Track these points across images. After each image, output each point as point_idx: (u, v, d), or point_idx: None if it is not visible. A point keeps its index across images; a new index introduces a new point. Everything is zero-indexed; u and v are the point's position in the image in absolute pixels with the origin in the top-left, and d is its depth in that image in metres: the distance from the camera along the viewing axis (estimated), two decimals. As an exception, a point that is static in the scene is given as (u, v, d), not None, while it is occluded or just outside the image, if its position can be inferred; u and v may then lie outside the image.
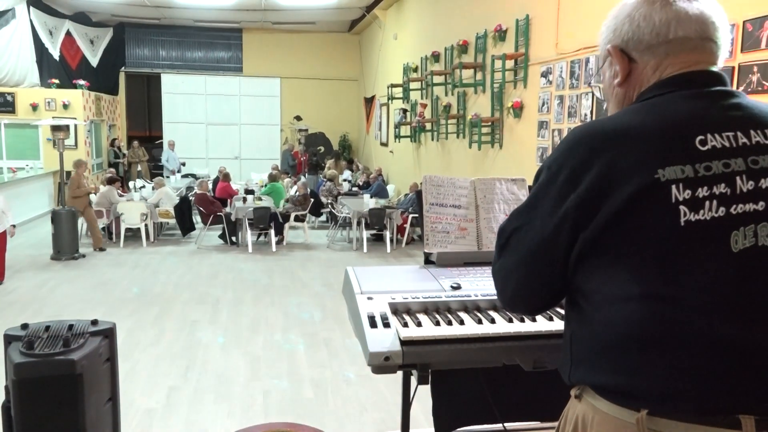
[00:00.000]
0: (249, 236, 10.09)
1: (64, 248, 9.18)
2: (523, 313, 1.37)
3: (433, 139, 10.73)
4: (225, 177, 12.14)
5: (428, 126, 10.87)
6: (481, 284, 1.49)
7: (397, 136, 12.58)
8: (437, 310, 1.42)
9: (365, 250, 10.13)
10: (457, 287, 1.48)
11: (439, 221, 1.61)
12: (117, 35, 17.56)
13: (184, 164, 15.85)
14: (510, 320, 1.39)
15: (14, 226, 7.45)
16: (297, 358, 5.60)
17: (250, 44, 18.35)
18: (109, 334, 2.07)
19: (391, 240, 10.26)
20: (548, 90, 6.71)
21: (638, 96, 1.29)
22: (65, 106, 14.18)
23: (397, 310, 1.38)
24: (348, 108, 18.73)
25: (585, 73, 5.97)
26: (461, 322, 1.36)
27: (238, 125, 18.23)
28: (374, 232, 10.48)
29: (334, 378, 5.16)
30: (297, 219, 10.77)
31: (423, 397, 4.45)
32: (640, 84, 1.29)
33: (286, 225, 10.57)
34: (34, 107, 14.04)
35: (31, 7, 14.20)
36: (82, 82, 14.80)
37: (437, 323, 1.35)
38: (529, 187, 1.85)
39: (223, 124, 18.06)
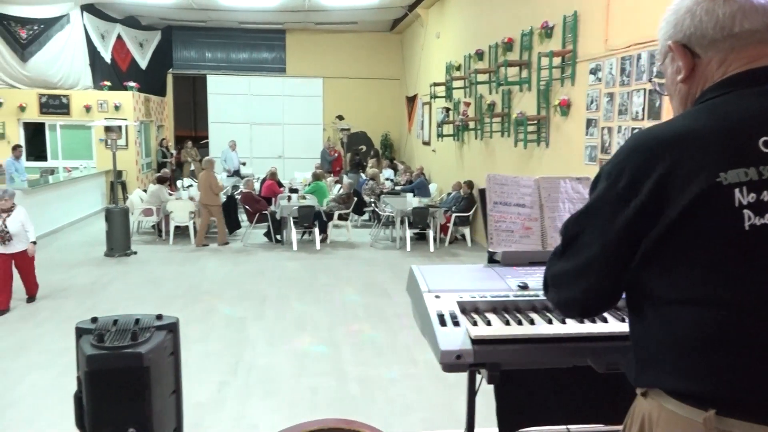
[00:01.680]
0: (293, 234, 10.21)
1: (117, 245, 9.47)
2: (576, 316, 1.36)
3: (476, 138, 10.65)
4: (272, 176, 12.31)
5: (471, 124, 10.80)
6: (548, 284, 1.47)
7: (440, 135, 12.54)
8: (505, 309, 1.41)
9: (408, 249, 10.13)
10: (525, 287, 1.47)
11: (503, 220, 1.60)
12: (165, 38, 18.01)
13: (244, 164, 16.04)
14: (581, 321, 1.37)
15: (34, 243, 6.92)
16: (342, 355, 5.64)
17: (293, 45, 18.57)
18: (173, 329, 2.13)
19: (434, 239, 10.23)
20: (597, 87, 6.58)
21: (701, 94, 1.26)
22: (116, 108, 14.63)
23: (465, 308, 1.37)
24: (389, 107, 18.76)
25: (636, 69, 5.83)
26: (531, 322, 1.35)
27: (281, 125, 18.46)
28: (417, 231, 10.47)
29: (380, 376, 5.18)
30: (340, 217, 10.85)
31: (480, 396, 4.43)
32: (704, 80, 1.25)
33: (330, 223, 10.66)
34: (88, 109, 14.53)
35: (85, 12, 14.70)
36: (132, 84, 15.24)
37: (507, 323, 1.34)
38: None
39: (267, 124, 18.32)
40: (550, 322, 1.37)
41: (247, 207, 10.66)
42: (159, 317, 2.10)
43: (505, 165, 9.21)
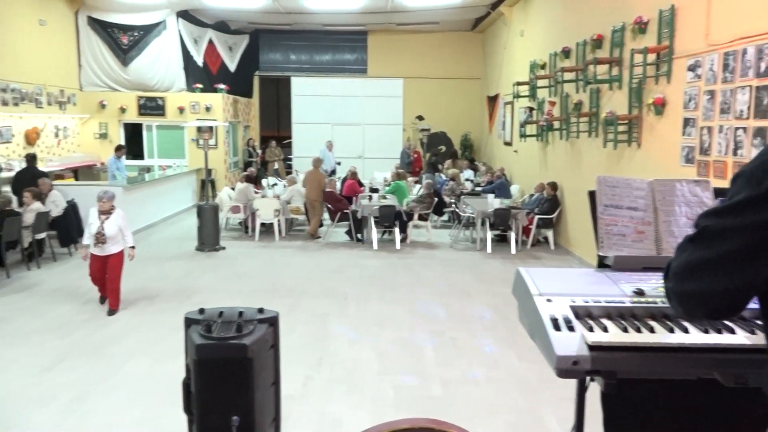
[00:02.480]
0: (374, 233, 10.32)
1: (207, 241, 9.91)
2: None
3: (561, 138, 10.36)
4: (353, 175, 12.50)
5: (556, 124, 10.51)
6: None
7: (523, 135, 12.29)
8: (621, 315, 1.37)
9: (489, 250, 10.00)
10: (641, 293, 1.41)
11: (615, 223, 1.54)
12: (252, 41, 18.68)
13: (339, 164, 16.34)
14: (706, 331, 1.31)
15: (133, 247, 6.72)
16: (424, 355, 5.65)
17: (375, 46, 18.77)
18: (273, 322, 2.20)
19: (516, 241, 10.05)
20: (696, 85, 6.24)
21: None
22: (207, 109, 15.32)
23: (578, 313, 1.34)
24: (470, 107, 18.59)
25: (741, 65, 5.48)
26: (651, 330, 1.30)
27: (361, 125, 18.70)
28: (498, 232, 10.32)
29: (463, 378, 5.15)
30: (420, 218, 10.86)
31: (552, 401, 4.31)
32: None
33: (410, 223, 10.70)
34: (181, 110, 15.30)
35: (180, 19, 15.48)
36: (222, 86, 15.91)
37: (625, 329, 1.29)
38: (717, 190, 1.74)
39: (348, 125, 18.62)
40: (671, 330, 1.31)
41: (329, 206, 10.88)
42: (261, 311, 2.19)
43: (593, 166, 8.91)
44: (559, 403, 4.62)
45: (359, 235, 10.80)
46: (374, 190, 12.18)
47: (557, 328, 1.26)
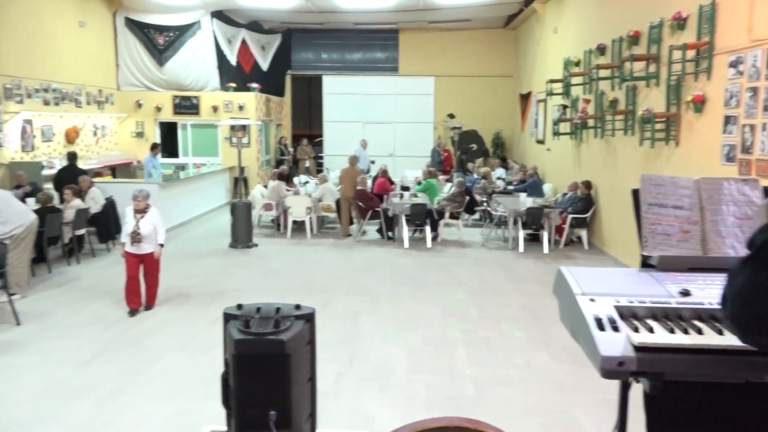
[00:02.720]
0: (405, 232, 10.32)
1: (240, 237, 10.04)
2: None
3: (596, 137, 10.20)
4: (384, 173, 12.51)
5: (591, 122, 10.35)
6: (713, 292, 1.37)
7: (556, 133, 12.14)
8: (666, 316, 1.34)
9: (521, 249, 9.91)
10: (687, 293, 1.38)
11: (659, 222, 1.51)
12: (284, 41, 18.84)
13: (373, 162, 16.32)
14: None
15: (162, 245, 6.77)
16: (456, 354, 5.63)
17: (406, 44, 18.75)
18: (310, 319, 2.21)
19: (549, 240, 9.93)
20: (738, 81, 6.07)
21: None
22: (240, 108, 15.52)
23: (622, 314, 1.32)
24: (502, 105, 18.43)
25: (786, 61, 5.32)
26: (699, 332, 1.27)
27: (392, 123, 18.71)
28: (530, 232, 10.21)
29: (495, 378, 5.11)
30: (452, 216, 10.81)
31: (586, 404, 4.24)
32: None
33: (441, 222, 10.66)
34: (215, 109, 15.53)
35: (214, 19, 15.70)
36: (254, 85, 16.09)
37: (671, 330, 1.27)
38: (766, 189, 1.69)
39: (379, 123, 18.64)
40: (720, 332, 1.28)
41: (360, 204, 10.91)
42: (297, 307, 2.21)
43: (628, 164, 8.76)
44: (595, 406, 4.56)
45: (390, 234, 10.81)
46: (405, 189, 12.18)
47: (601, 328, 1.24)
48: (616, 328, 1.25)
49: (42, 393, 4.79)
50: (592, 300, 1.34)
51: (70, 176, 9.91)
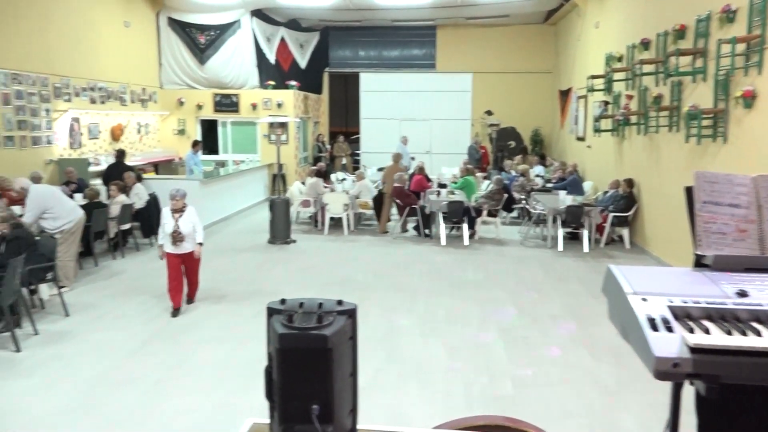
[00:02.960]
0: (442, 229, 10.28)
1: (279, 234, 10.16)
2: None
3: (639, 133, 9.96)
4: (420, 171, 12.48)
5: (634, 119, 10.12)
6: (772, 293, 1.33)
7: (597, 130, 11.91)
8: (722, 318, 1.31)
9: (560, 248, 9.77)
10: (744, 294, 1.34)
11: (714, 221, 1.47)
12: (322, 38, 18.96)
13: (413, 159, 16.23)
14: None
15: (201, 244, 6.72)
16: (495, 353, 5.59)
17: (444, 40, 18.65)
18: (352, 314, 2.22)
19: (589, 239, 9.76)
20: (791, 76, 5.85)
21: None
22: (279, 105, 15.70)
23: (676, 314, 1.29)
24: (541, 101, 18.18)
25: (844, 54, 5.10)
26: (758, 334, 1.24)
27: (429, 120, 18.64)
28: (570, 230, 10.06)
29: (535, 377, 5.06)
30: (489, 214, 10.73)
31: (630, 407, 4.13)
32: None
33: (479, 219, 10.58)
34: (254, 107, 15.75)
35: (254, 18, 15.92)
36: (293, 83, 16.25)
37: (728, 332, 1.24)
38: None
39: (416, 120, 18.60)
40: (782, 334, 1.24)
41: (397, 201, 10.92)
42: (339, 303, 2.21)
43: (673, 162, 8.54)
44: (640, 408, 4.47)
45: (427, 231, 10.79)
46: (442, 186, 12.13)
47: (655, 328, 1.22)
48: (670, 329, 1.22)
49: (90, 381, 4.95)
50: (644, 299, 1.31)
51: (119, 172, 10.20)
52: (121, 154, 11.06)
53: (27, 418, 4.35)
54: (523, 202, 11.59)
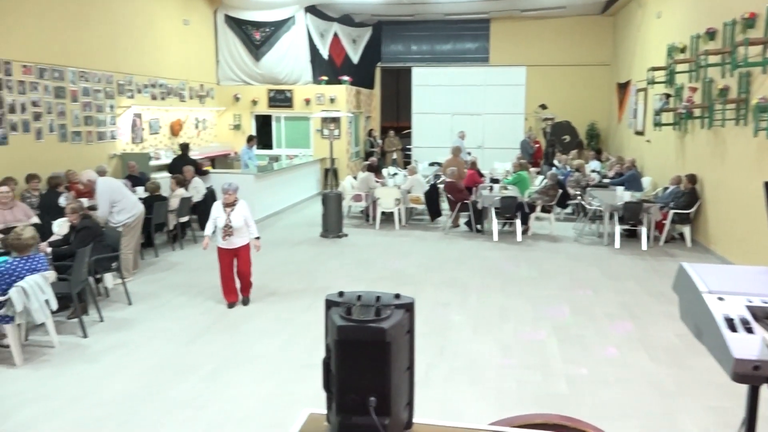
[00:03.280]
0: (495, 225, 10.16)
1: (331, 227, 10.27)
2: None
3: (703, 127, 9.57)
4: (473, 165, 12.38)
5: (697, 112, 9.73)
6: None
7: (657, 124, 11.51)
8: (806, 320, 1.25)
9: (617, 246, 9.50)
10: (828, 295, 1.27)
11: (795, 218, 1.39)
12: (375, 33, 19.01)
13: (469, 154, 16.08)
14: None
15: (258, 238, 6.72)
16: (549, 351, 5.49)
17: (497, 34, 18.39)
18: (409, 308, 2.22)
19: (648, 237, 9.46)
20: None
21: None
22: (331, 100, 15.83)
23: (755, 315, 1.23)
24: (597, 95, 17.70)
25: None
26: None
27: (481, 115, 18.44)
28: (627, 227, 9.77)
29: (591, 377, 4.95)
30: (544, 209, 10.53)
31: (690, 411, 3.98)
32: None
33: (532, 215, 10.41)
34: (307, 102, 15.94)
35: (308, 14, 16.09)
36: (345, 78, 16.35)
37: (812, 334, 1.18)
38: None
39: (468, 114, 18.42)
40: None
41: (449, 196, 10.85)
42: (397, 296, 2.22)
43: (740, 157, 8.17)
44: (702, 411, 4.31)
45: (479, 226, 10.69)
46: (495, 181, 11.98)
47: (733, 329, 1.17)
48: (749, 330, 1.17)
49: (152, 368, 5.13)
50: (720, 299, 1.26)
51: (183, 165, 10.54)
52: (185, 148, 11.41)
53: (96, 401, 4.55)
54: (579, 198, 11.33)
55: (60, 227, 7.14)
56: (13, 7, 9.02)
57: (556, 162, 14.42)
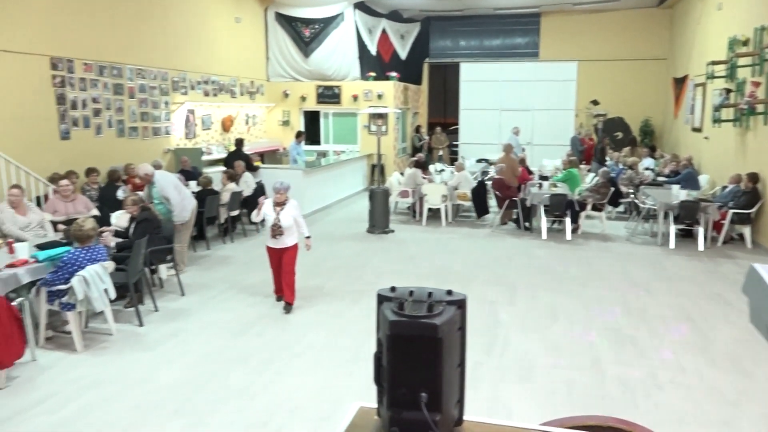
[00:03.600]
0: (543, 223, 10.00)
1: (378, 223, 10.30)
2: None
3: (766, 124, 9.16)
4: (522, 162, 12.20)
5: (760, 108, 9.32)
6: None
7: (716, 120, 11.08)
8: None
9: (672, 246, 9.21)
10: None
11: None
12: (423, 29, 18.93)
13: (524, 149, 15.81)
14: None
15: (309, 237, 6.58)
16: (600, 352, 5.37)
17: (548, 28, 18.04)
18: (461, 305, 2.20)
19: (705, 237, 9.13)
20: None
21: None
22: (379, 96, 15.86)
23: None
24: (652, 90, 17.15)
25: None
26: None
27: (530, 111, 18.13)
28: (683, 227, 9.45)
29: (644, 380, 4.81)
30: (594, 208, 10.29)
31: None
32: None
33: (582, 213, 10.19)
34: (355, 98, 16.01)
35: (356, 10, 16.15)
36: (393, 74, 16.35)
37: None
38: None
39: (517, 110, 18.13)
40: None
41: (497, 193, 10.73)
42: (449, 293, 2.21)
43: (806, 155, 7.79)
44: (765, 420, 4.14)
45: (527, 224, 10.54)
46: (544, 178, 11.78)
47: (811, 333, 1.12)
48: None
49: (204, 357, 5.27)
50: (796, 301, 1.20)
51: (236, 160, 10.77)
52: (239, 143, 11.65)
53: (152, 387, 4.71)
54: (632, 196, 11.02)
55: (118, 219, 7.40)
56: (76, 7, 9.38)
57: (607, 159, 14.07)
